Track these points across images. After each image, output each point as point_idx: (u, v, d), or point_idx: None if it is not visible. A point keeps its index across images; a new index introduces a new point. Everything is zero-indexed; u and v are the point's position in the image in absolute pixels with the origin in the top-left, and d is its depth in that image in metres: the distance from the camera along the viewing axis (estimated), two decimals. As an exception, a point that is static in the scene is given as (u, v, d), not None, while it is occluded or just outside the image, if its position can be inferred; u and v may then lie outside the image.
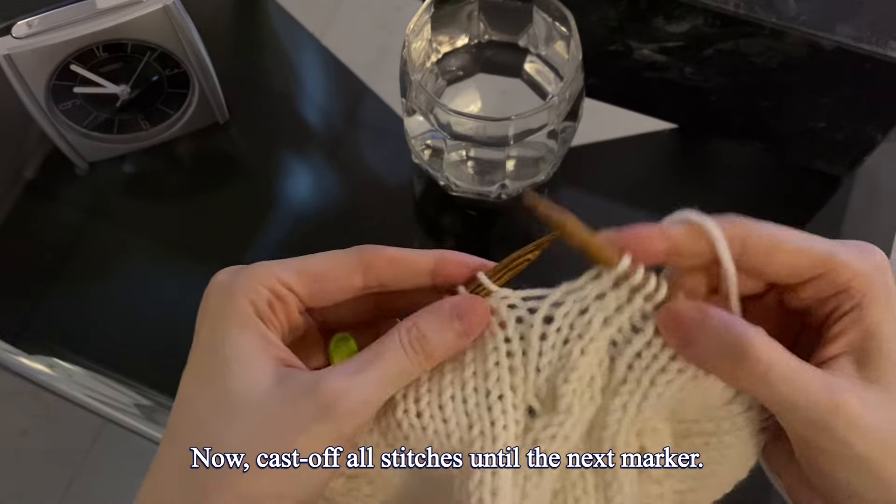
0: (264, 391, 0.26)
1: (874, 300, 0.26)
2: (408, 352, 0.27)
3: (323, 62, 0.63)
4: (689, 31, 0.50)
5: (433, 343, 0.27)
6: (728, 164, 0.59)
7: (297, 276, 0.28)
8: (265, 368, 0.26)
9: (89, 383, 0.52)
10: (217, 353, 0.27)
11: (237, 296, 0.27)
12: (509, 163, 0.49)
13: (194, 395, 0.27)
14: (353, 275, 0.29)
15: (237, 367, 0.26)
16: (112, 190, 0.58)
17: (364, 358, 0.27)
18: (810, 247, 0.27)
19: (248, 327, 0.27)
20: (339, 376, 0.26)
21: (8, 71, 0.49)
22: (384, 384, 0.27)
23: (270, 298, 0.28)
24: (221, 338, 0.27)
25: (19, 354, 0.53)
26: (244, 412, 0.26)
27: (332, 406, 0.25)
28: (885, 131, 0.51)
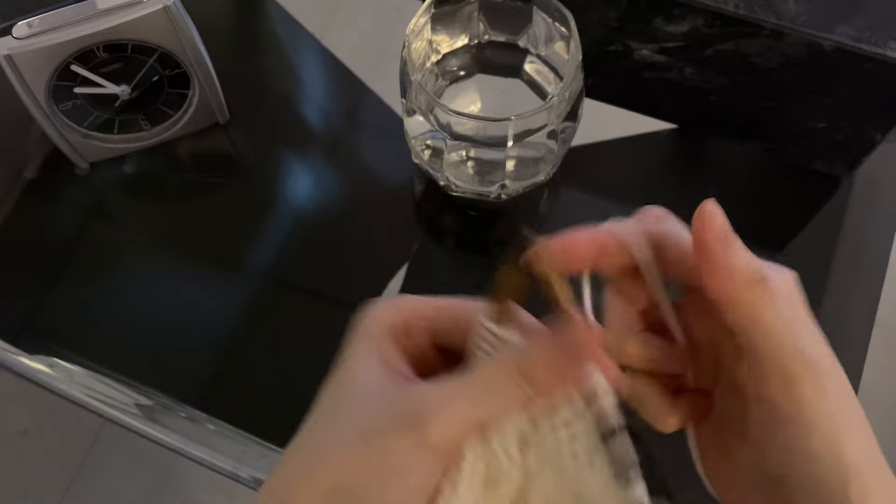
0: (371, 391, 0.27)
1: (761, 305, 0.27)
2: (511, 376, 0.26)
3: (323, 62, 0.63)
4: (689, 32, 0.50)
5: (540, 379, 0.26)
6: (728, 164, 0.59)
7: (431, 308, 0.29)
8: (378, 374, 0.27)
9: (89, 383, 0.52)
10: (344, 363, 0.28)
11: (376, 317, 0.29)
12: (509, 163, 0.49)
13: (323, 402, 0.28)
14: (448, 315, 0.29)
15: (355, 373, 0.28)
16: (112, 190, 0.58)
17: (468, 376, 0.27)
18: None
19: (374, 343, 0.28)
20: (430, 385, 0.26)
21: (8, 71, 0.49)
22: (476, 402, 0.26)
23: (405, 325, 0.29)
24: (351, 352, 0.28)
25: (19, 354, 0.53)
26: (350, 408, 0.27)
27: (419, 414, 0.25)
28: (885, 131, 0.51)
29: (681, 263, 0.28)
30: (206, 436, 0.50)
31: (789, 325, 0.26)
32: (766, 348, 0.26)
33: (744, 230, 0.60)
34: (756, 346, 0.26)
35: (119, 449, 1.19)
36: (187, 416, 0.50)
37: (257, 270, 0.55)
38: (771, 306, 0.26)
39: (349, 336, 0.29)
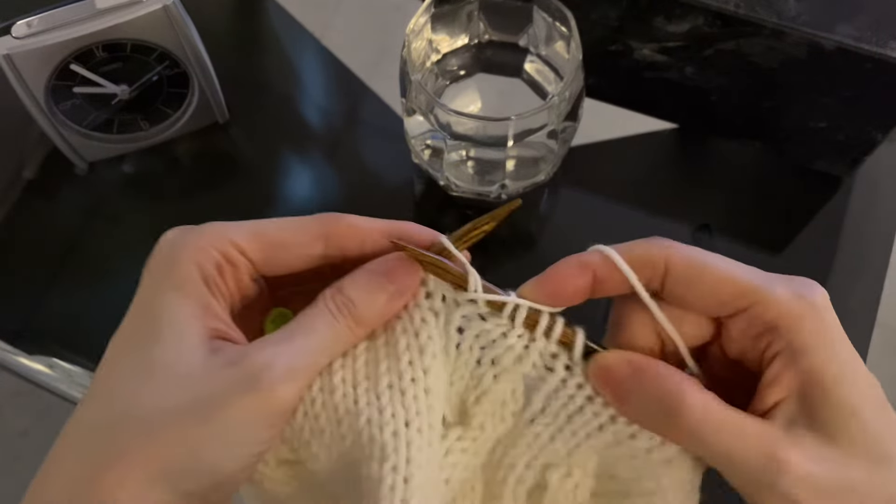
0: (191, 361, 0.24)
1: (809, 341, 0.24)
2: (336, 317, 0.26)
3: (323, 62, 0.63)
4: (690, 31, 0.50)
5: (361, 307, 0.26)
6: (728, 164, 0.59)
7: (252, 239, 0.27)
8: (196, 338, 0.25)
9: (89, 383, 0.51)
10: (150, 315, 0.25)
11: (183, 256, 0.26)
12: (509, 163, 0.49)
13: (118, 356, 0.25)
14: (314, 242, 0.27)
15: (167, 333, 0.25)
16: (112, 190, 0.58)
17: (291, 327, 0.26)
18: (735, 276, 0.25)
19: (188, 291, 0.25)
20: (265, 346, 0.25)
21: (8, 71, 0.49)
22: (312, 353, 0.25)
23: (220, 262, 0.26)
24: (158, 299, 0.25)
25: (19, 354, 0.53)
26: (165, 381, 0.24)
27: (256, 376, 0.24)
28: (886, 131, 0.51)
29: (697, 292, 0.26)
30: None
31: (852, 360, 0.24)
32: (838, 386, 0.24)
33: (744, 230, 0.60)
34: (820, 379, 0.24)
35: (119, 449, 1.19)
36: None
37: (257, 270, 0.55)
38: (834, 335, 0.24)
39: (158, 271, 0.26)
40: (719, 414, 0.24)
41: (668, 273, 0.26)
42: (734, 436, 0.24)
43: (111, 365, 0.25)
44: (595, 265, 0.26)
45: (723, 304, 0.26)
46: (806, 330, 0.24)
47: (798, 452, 0.23)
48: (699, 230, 0.55)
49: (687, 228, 0.55)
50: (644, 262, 0.26)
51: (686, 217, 0.55)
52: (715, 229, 0.55)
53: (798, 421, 0.24)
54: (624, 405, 0.26)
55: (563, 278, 0.27)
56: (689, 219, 0.55)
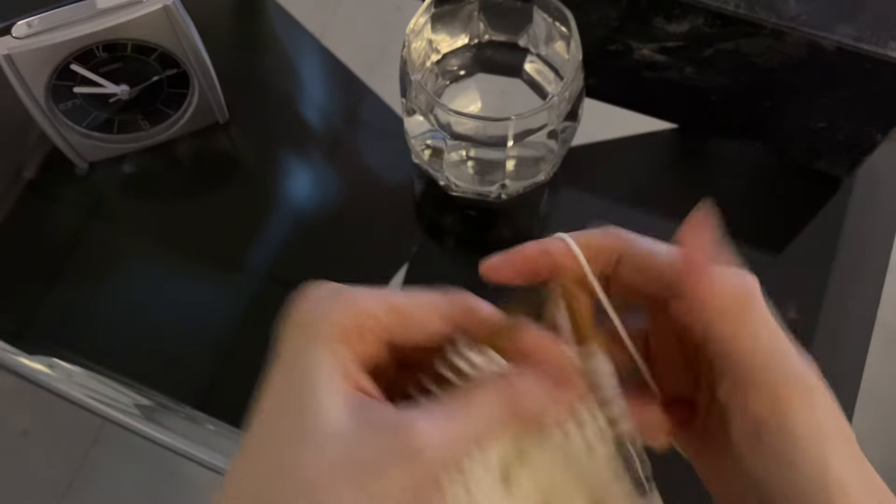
0: (343, 418, 0.24)
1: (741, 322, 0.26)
2: (501, 408, 0.26)
3: (323, 62, 0.63)
4: (690, 31, 0.50)
5: (527, 405, 0.26)
6: (728, 164, 0.59)
7: (389, 310, 0.27)
8: (345, 394, 0.25)
9: (89, 383, 0.52)
10: (301, 376, 0.25)
11: (328, 318, 0.26)
12: (509, 163, 0.49)
13: (275, 417, 0.25)
14: (443, 323, 0.27)
15: (319, 393, 0.25)
16: (112, 190, 0.58)
17: (454, 407, 0.25)
18: (672, 257, 0.27)
19: (332, 352, 0.25)
20: (426, 420, 0.24)
21: (8, 71, 0.49)
22: (470, 437, 0.25)
23: (359, 327, 0.26)
24: (306, 360, 0.25)
25: (19, 354, 0.53)
26: (325, 441, 0.24)
27: (419, 451, 0.24)
28: (886, 131, 0.51)
29: (646, 276, 0.28)
30: (206, 436, 0.50)
31: (774, 340, 0.26)
32: (753, 364, 0.26)
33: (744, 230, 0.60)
34: (741, 362, 0.26)
35: (119, 449, 1.19)
36: (187, 417, 0.50)
37: (257, 270, 0.55)
38: (759, 320, 0.26)
39: (292, 334, 0.26)
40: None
41: (620, 261, 0.28)
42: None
43: (270, 428, 0.25)
44: (556, 251, 0.28)
45: (669, 285, 0.27)
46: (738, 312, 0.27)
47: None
48: (699, 230, 0.55)
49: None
50: (599, 251, 0.28)
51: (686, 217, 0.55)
52: (715, 229, 0.55)
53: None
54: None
55: (526, 257, 0.29)
56: (689, 219, 0.55)
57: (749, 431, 0.26)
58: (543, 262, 0.28)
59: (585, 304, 0.28)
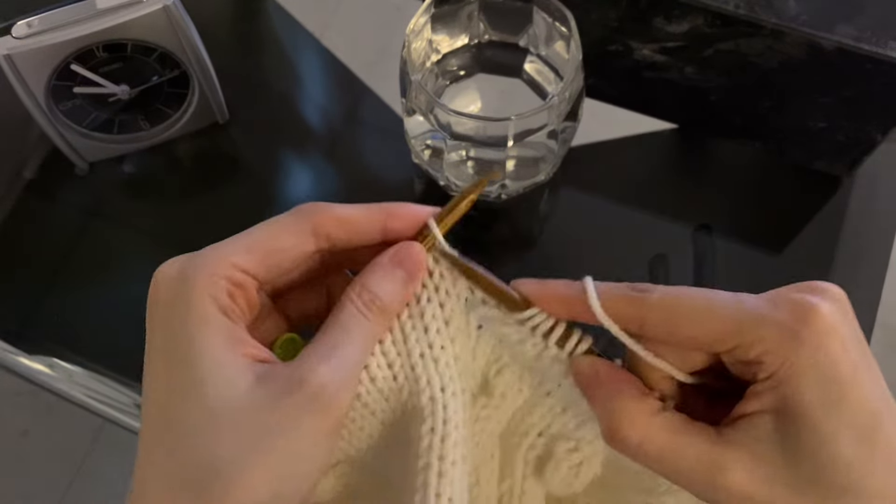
0: (246, 394, 0.25)
1: (792, 372, 0.24)
2: (367, 316, 0.27)
3: (323, 62, 0.63)
4: (689, 31, 0.50)
5: (385, 299, 0.27)
6: (728, 164, 0.59)
7: (251, 256, 0.27)
8: (240, 370, 0.25)
9: (89, 383, 0.52)
10: (187, 359, 0.25)
11: (195, 292, 0.26)
12: (509, 163, 0.49)
13: (172, 405, 0.25)
14: (304, 239, 0.28)
15: (212, 374, 0.25)
16: (112, 190, 0.58)
17: (331, 336, 0.26)
18: (716, 320, 0.25)
19: (213, 326, 0.25)
20: (312, 364, 0.25)
21: (8, 71, 0.49)
22: (357, 358, 0.27)
23: (230, 288, 0.26)
24: (187, 342, 0.25)
25: (19, 354, 0.53)
26: (231, 420, 0.24)
27: (319, 395, 0.25)
28: (885, 131, 0.51)
29: (676, 339, 0.27)
30: (206, 436, 0.50)
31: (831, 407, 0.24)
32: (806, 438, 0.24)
33: (744, 230, 0.60)
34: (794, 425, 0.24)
35: (119, 449, 1.19)
36: (187, 417, 0.50)
37: (257, 270, 0.55)
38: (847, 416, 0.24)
39: (172, 311, 0.26)
40: (661, 436, 0.25)
41: (643, 329, 0.27)
42: (674, 460, 0.25)
43: (168, 415, 0.25)
44: (576, 301, 0.27)
45: (706, 348, 0.26)
46: (790, 364, 0.24)
47: (739, 471, 0.24)
48: (699, 230, 0.55)
49: (687, 228, 0.55)
50: (619, 317, 0.27)
51: (686, 217, 0.55)
52: (715, 229, 0.55)
53: (767, 438, 0.24)
54: (591, 404, 0.28)
55: (550, 303, 0.28)
56: (689, 219, 0.55)
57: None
58: (561, 310, 0.28)
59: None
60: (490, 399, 0.30)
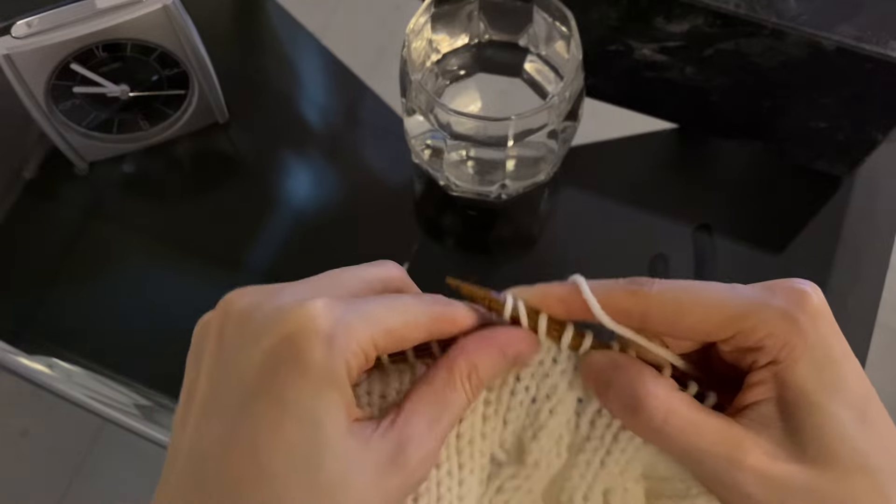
0: (357, 469, 0.24)
1: (791, 356, 0.25)
2: (468, 395, 0.27)
3: (323, 62, 0.63)
4: (690, 31, 0.50)
5: (485, 378, 0.27)
6: (728, 164, 0.59)
7: (387, 337, 0.26)
8: (348, 435, 0.24)
9: (89, 383, 0.51)
10: (312, 420, 0.24)
11: (338, 357, 0.24)
12: (509, 163, 0.49)
13: (286, 468, 0.23)
14: (424, 336, 0.27)
15: (332, 440, 0.24)
16: (112, 190, 0.58)
17: (433, 409, 0.26)
18: (716, 308, 0.26)
19: (343, 395, 0.24)
20: (414, 434, 0.25)
21: (7, 71, 0.49)
22: (447, 431, 0.27)
23: (362, 363, 0.25)
24: (320, 408, 0.24)
25: (19, 354, 0.53)
26: (343, 495, 0.24)
27: (408, 464, 0.25)
28: (886, 131, 0.51)
29: (679, 330, 0.27)
30: (206, 436, 0.50)
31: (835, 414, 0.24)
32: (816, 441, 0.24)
33: (744, 230, 0.60)
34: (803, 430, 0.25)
35: (119, 449, 1.19)
36: (187, 417, 0.50)
37: (257, 270, 0.55)
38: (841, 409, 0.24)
39: (314, 369, 0.23)
40: (683, 413, 0.25)
41: (645, 322, 0.27)
42: (696, 434, 0.25)
43: (282, 478, 0.23)
44: (572, 299, 0.27)
45: (706, 338, 0.27)
46: (790, 347, 0.25)
47: (759, 451, 0.24)
48: (699, 230, 0.55)
49: (687, 228, 0.55)
50: (618, 312, 0.27)
51: (686, 217, 0.55)
52: (715, 229, 0.55)
53: (772, 423, 0.25)
54: (604, 399, 0.27)
55: (549, 302, 0.28)
56: (689, 219, 0.55)
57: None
58: (558, 309, 0.28)
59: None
60: (521, 469, 0.29)
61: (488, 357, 0.27)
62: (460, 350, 0.27)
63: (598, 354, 0.27)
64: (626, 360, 0.27)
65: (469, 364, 0.27)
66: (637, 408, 0.26)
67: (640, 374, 0.26)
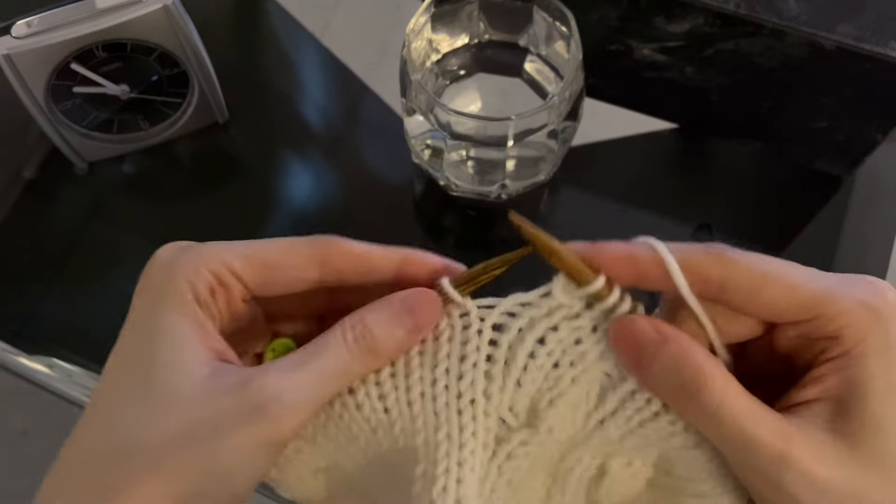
0: (192, 384, 0.24)
1: (867, 351, 0.24)
2: (351, 349, 0.25)
3: (323, 62, 0.63)
4: (690, 31, 0.50)
5: (380, 340, 0.25)
6: (728, 164, 0.59)
7: (245, 261, 0.26)
8: (196, 358, 0.24)
9: (89, 383, 0.51)
10: (148, 335, 0.25)
11: (177, 276, 0.25)
12: (509, 163, 0.49)
13: (117, 379, 0.25)
14: (309, 266, 0.27)
15: (167, 354, 0.24)
16: (112, 190, 0.58)
17: (302, 355, 0.25)
18: (802, 286, 0.24)
19: (183, 311, 0.25)
20: (272, 374, 0.24)
21: (8, 71, 0.49)
22: (323, 383, 0.25)
23: (212, 283, 0.25)
24: (154, 319, 0.25)
25: (19, 354, 0.53)
26: (168, 405, 0.23)
27: (263, 406, 0.23)
28: (886, 131, 0.51)
29: (756, 306, 0.25)
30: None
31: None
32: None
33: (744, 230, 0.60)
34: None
35: (119, 449, 1.19)
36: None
37: (257, 270, 0.55)
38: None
39: (152, 289, 0.25)
40: (739, 399, 0.24)
41: (724, 290, 0.25)
42: (751, 423, 0.23)
43: (111, 388, 0.25)
44: (644, 260, 0.25)
45: (783, 316, 0.25)
46: (867, 341, 0.24)
47: (808, 452, 0.23)
48: (699, 230, 0.55)
49: (687, 228, 0.55)
50: (698, 276, 0.25)
51: (686, 217, 0.55)
52: (715, 229, 0.55)
53: (826, 425, 0.24)
54: (644, 372, 0.25)
55: (612, 261, 0.26)
56: (689, 219, 0.55)
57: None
58: (626, 274, 0.26)
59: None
60: (534, 435, 0.27)
61: (385, 316, 0.26)
62: (358, 306, 0.26)
63: (643, 321, 0.25)
64: (675, 332, 0.25)
65: (358, 318, 0.25)
66: (692, 387, 0.23)
67: (694, 351, 0.24)
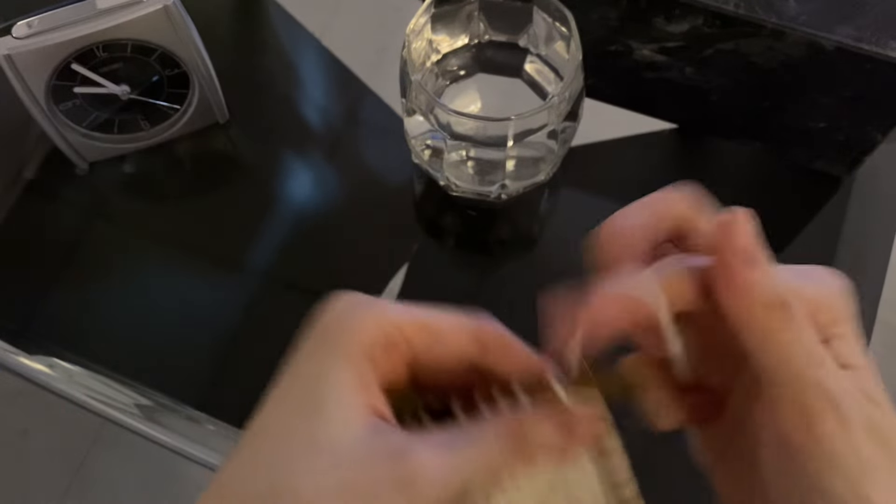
0: (353, 441, 0.24)
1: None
2: (502, 450, 0.25)
3: (323, 62, 0.63)
4: (690, 31, 0.50)
5: (533, 446, 0.25)
6: (728, 164, 0.59)
7: (416, 326, 0.26)
8: (359, 416, 0.24)
9: (89, 383, 0.52)
10: (315, 385, 0.24)
11: (352, 330, 0.25)
12: (509, 163, 0.49)
13: (279, 423, 0.25)
14: (470, 344, 0.26)
15: (332, 407, 0.24)
16: (112, 190, 0.58)
17: (457, 436, 0.25)
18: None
19: (354, 367, 0.25)
20: (427, 449, 0.24)
21: (8, 71, 0.49)
22: (467, 471, 0.24)
23: (384, 342, 0.25)
24: (324, 371, 0.24)
25: (19, 354, 0.53)
26: (328, 457, 0.23)
27: (413, 481, 0.23)
28: (885, 131, 0.51)
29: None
30: (206, 436, 0.50)
31: (810, 354, 0.24)
32: (783, 379, 0.24)
33: (744, 230, 0.59)
34: (772, 376, 0.25)
35: (119, 449, 1.19)
36: (187, 416, 0.50)
37: (257, 270, 0.55)
38: (789, 333, 0.24)
39: (326, 338, 0.25)
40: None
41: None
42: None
43: (272, 432, 0.25)
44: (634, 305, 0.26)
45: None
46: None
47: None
48: (699, 230, 0.55)
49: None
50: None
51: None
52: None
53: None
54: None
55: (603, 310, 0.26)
56: (689, 219, 0.55)
57: (780, 452, 0.25)
58: (619, 316, 0.26)
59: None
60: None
61: (545, 428, 0.25)
62: (521, 409, 0.26)
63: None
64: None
65: (517, 425, 0.25)
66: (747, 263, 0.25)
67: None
